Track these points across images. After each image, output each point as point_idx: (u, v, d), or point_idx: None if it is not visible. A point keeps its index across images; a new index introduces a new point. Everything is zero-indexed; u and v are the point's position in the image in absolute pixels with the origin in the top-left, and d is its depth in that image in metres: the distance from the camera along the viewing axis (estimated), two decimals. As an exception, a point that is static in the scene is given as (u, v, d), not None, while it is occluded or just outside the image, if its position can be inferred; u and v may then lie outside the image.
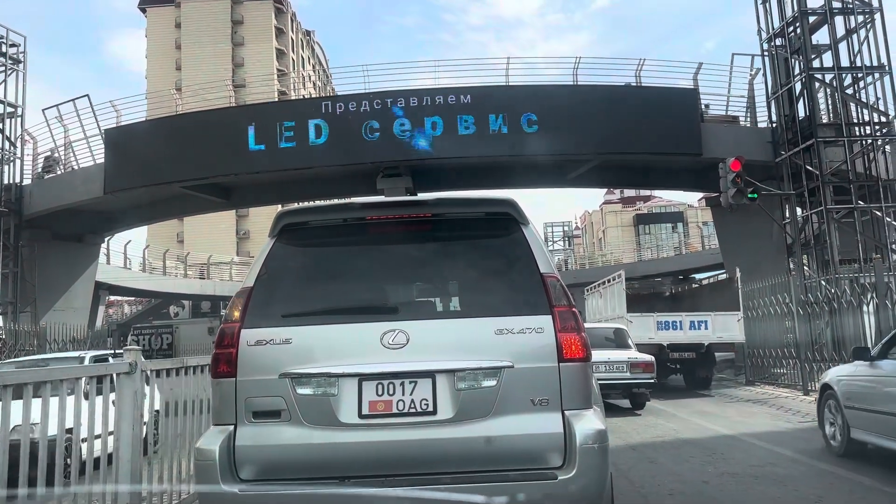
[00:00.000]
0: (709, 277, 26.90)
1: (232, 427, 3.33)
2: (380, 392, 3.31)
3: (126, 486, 4.27)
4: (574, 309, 3.47)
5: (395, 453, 3.25)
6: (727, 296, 18.14)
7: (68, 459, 3.93)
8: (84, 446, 4.15)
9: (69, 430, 3.88)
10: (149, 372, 4.58)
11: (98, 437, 4.32)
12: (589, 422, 3.29)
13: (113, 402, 4.27)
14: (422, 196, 3.81)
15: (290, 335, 3.38)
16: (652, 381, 12.44)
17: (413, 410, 3.28)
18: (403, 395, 3.30)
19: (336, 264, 3.76)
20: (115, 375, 4.28)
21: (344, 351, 3.37)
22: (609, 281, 20.54)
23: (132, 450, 4.27)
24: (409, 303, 3.88)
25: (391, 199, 3.89)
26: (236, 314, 3.45)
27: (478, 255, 3.72)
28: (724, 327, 16.99)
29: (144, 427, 4.60)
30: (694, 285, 26.96)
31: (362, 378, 3.32)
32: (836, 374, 8.03)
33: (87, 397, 4.12)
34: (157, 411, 5.08)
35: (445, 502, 3.14)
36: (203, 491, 3.35)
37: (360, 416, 3.28)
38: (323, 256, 3.78)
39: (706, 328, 16.87)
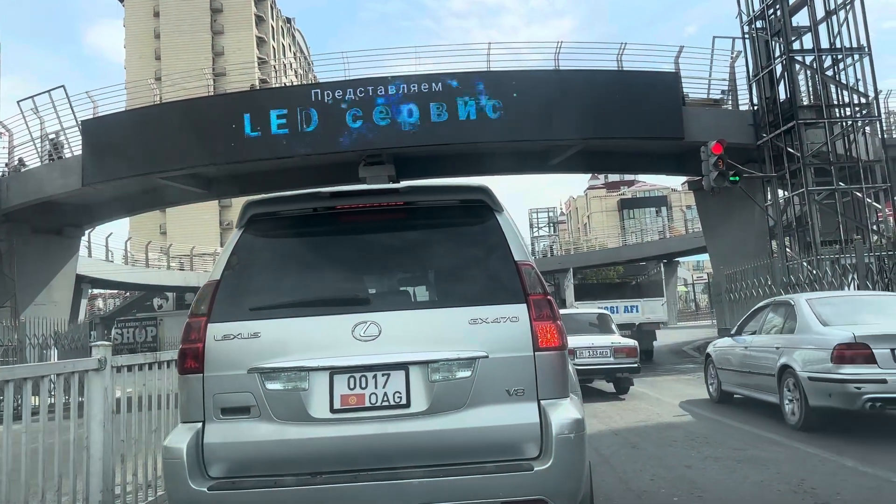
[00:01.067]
0: (644, 275, 30.07)
1: (200, 424, 3.26)
2: (352, 385, 3.24)
3: (98, 482, 4.18)
4: (549, 297, 3.40)
5: (368, 447, 3.18)
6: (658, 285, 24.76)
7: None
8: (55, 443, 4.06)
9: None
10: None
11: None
12: (565, 411, 3.24)
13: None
14: (393, 184, 3.73)
15: (258, 329, 3.30)
16: (635, 365, 12.46)
17: (386, 403, 3.22)
18: (376, 388, 3.24)
19: (305, 255, 3.66)
20: (84, 372, 4.17)
21: (314, 344, 3.29)
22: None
23: (104, 447, 4.17)
24: (381, 293, 3.79)
25: (361, 188, 3.75)
26: (203, 308, 3.36)
27: (451, 244, 3.66)
28: (652, 310, 23.06)
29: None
30: (640, 276, 30.32)
31: (333, 371, 3.25)
32: (713, 346, 11.23)
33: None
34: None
35: (419, 496, 3.09)
36: (171, 489, 3.26)
37: (332, 410, 3.21)
38: (292, 247, 3.70)
39: (637, 311, 22.62)
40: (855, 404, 7.20)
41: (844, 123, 19.44)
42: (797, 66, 19.87)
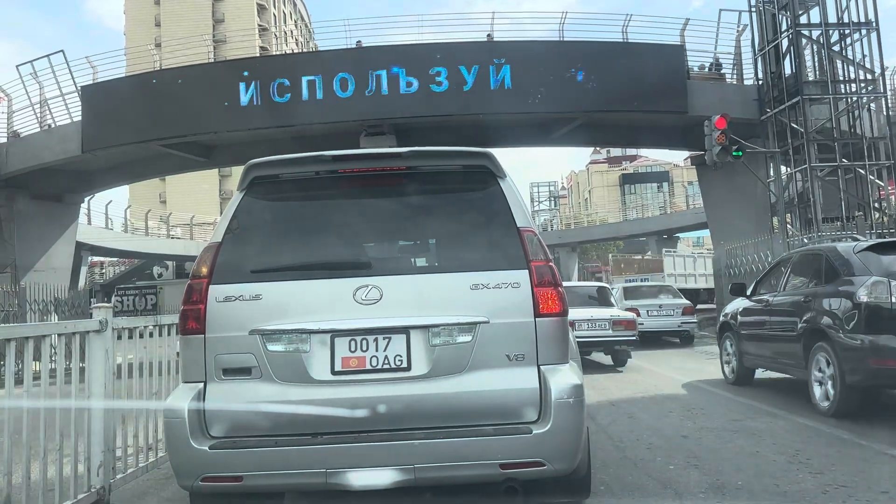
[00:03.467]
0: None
1: (202, 384, 3.30)
2: (353, 348, 3.28)
3: (99, 442, 4.21)
4: (551, 263, 3.44)
5: (368, 409, 3.21)
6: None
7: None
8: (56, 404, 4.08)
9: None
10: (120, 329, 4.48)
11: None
12: (564, 376, 3.28)
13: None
14: (396, 148, 3.73)
15: (259, 291, 3.33)
16: (634, 338, 12.56)
17: (387, 367, 3.26)
18: (377, 351, 3.28)
19: (307, 218, 3.66)
20: (85, 333, 4.18)
21: (316, 307, 3.32)
22: None
23: (104, 409, 4.20)
24: (383, 257, 3.79)
25: (364, 151, 3.75)
26: (204, 270, 3.38)
27: (453, 209, 3.69)
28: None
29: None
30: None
31: (335, 334, 3.28)
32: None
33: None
34: None
35: (419, 457, 3.15)
36: (173, 448, 3.31)
37: (333, 372, 3.26)
38: (294, 210, 3.72)
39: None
40: None
41: (849, 99, 19.30)
42: (803, 41, 19.67)
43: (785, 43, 19.97)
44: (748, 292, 9.38)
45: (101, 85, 21.70)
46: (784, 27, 19.98)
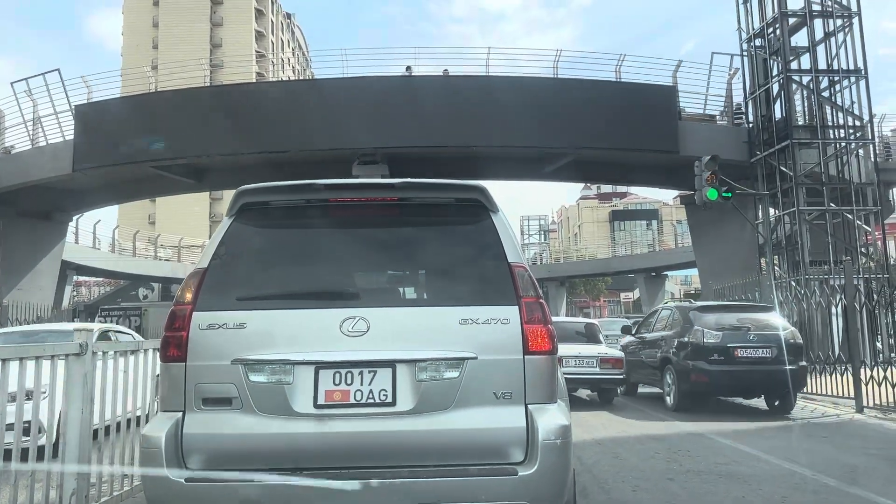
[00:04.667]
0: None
1: (180, 414, 3.19)
2: (337, 381, 3.19)
3: (73, 467, 4.10)
4: (542, 300, 3.37)
5: (351, 445, 3.13)
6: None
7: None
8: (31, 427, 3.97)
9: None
10: (100, 353, 4.38)
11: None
12: (552, 417, 3.20)
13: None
14: (388, 179, 3.65)
15: (244, 319, 3.23)
16: (621, 377, 12.35)
17: (371, 401, 3.17)
18: (362, 384, 3.18)
19: (296, 247, 3.59)
20: (64, 356, 4.09)
21: (301, 337, 3.23)
22: None
23: (80, 435, 4.09)
24: (371, 289, 3.73)
25: (357, 181, 3.69)
26: (188, 296, 3.29)
27: (445, 242, 3.62)
28: None
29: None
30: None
31: (319, 366, 3.19)
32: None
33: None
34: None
35: (402, 497, 3.06)
36: (148, 479, 3.18)
37: (316, 405, 3.15)
38: (282, 238, 3.63)
39: None
40: None
41: (838, 145, 19.56)
42: (794, 86, 19.99)
43: (776, 87, 20.29)
44: (633, 332, 13.18)
45: (95, 104, 21.72)
46: (775, 72, 20.32)
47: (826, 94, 19.90)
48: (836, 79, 19.66)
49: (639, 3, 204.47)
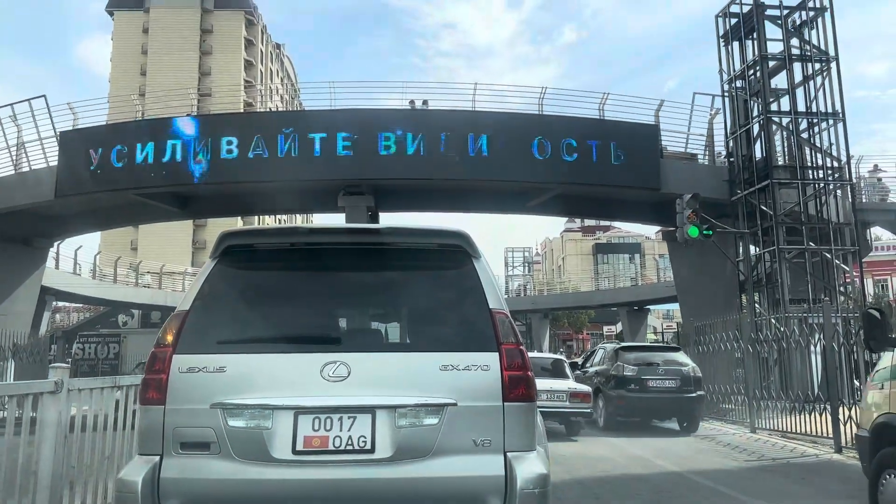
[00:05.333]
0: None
1: (158, 458, 3.13)
2: (316, 427, 3.14)
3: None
4: (522, 347, 3.37)
5: (329, 493, 3.10)
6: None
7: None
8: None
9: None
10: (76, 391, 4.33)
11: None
12: (531, 465, 3.18)
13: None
14: (372, 224, 3.75)
15: (224, 363, 3.19)
16: (589, 410, 13.30)
17: (350, 448, 3.12)
18: (341, 430, 3.14)
19: (278, 290, 3.55)
20: (39, 395, 4.03)
21: (281, 382, 3.19)
22: None
23: (52, 473, 4.03)
24: (353, 334, 3.75)
25: (340, 226, 3.78)
26: (169, 338, 3.26)
27: (426, 287, 3.61)
28: None
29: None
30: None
31: (298, 412, 3.15)
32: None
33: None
34: None
35: None
36: None
37: (294, 451, 3.10)
38: (265, 281, 3.61)
39: None
40: None
41: (817, 185, 19.87)
42: (774, 127, 20.36)
43: (756, 128, 20.65)
44: (580, 365, 16.79)
45: (80, 131, 21.63)
46: (755, 113, 20.69)
47: (805, 135, 20.28)
48: (815, 121, 20.06)
49: (623, 42, 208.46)
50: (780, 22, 20.56)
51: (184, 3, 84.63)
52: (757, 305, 20.02)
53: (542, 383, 12.27)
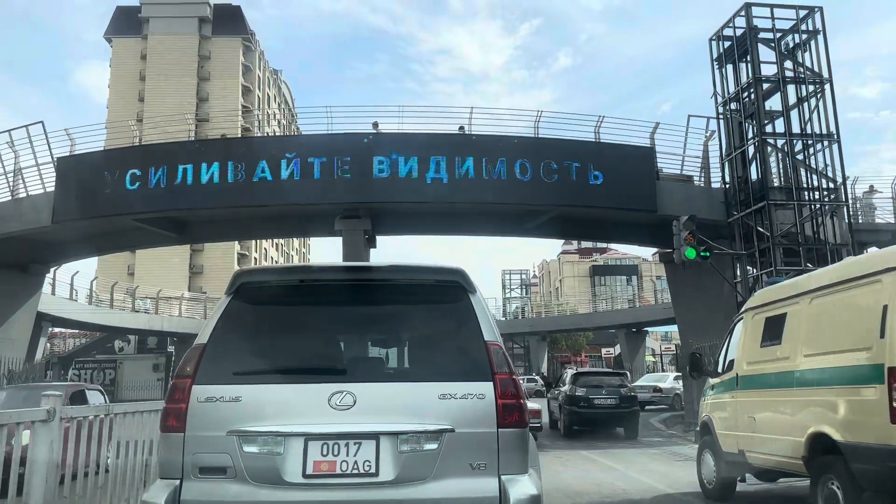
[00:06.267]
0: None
1: (178, 481, 3.36)
2: (324, 452, 3.37)
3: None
4: (515, 377, 3.58)
5: None
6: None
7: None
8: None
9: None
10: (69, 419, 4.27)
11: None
12: (524, 487, 3.39)
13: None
14: (375, 262, 4.03)
15: (239, 393, 3.43)
16: (539, 426, 15.53)
17: (356, 472, 3.35)
18: (347, 456, 3.37)
19: (289, 324, 3.84)
20: (30, 423, 3.98)
21: (292, 410, 3.43)
22: None
23: (43, 502, 3.95)
24: (358, 364, 3.99)
25: (346, 264, 4.31)
26: (188, 370, 3.50)
27: (426, 321, 3.89)
28: None
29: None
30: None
31: (308, 438, 3.37)
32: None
33: None
34: None
35: None
36: None
37: (304, 475, 3.33)
38: (277, 316, 3.87)
39: None
40: None
41: (813, 206, 19.92)
42: (769, 149, 20.44)
43: (751, 150, 20.75)
44: (553, 385, 20.19)
45: (77, 157, 21.67)
46: (750, 135, 20.80)
47: (800, 156, 20.37)
48: (810, 142, 20.16)
49: (617, 67, 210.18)
50: (773, 45, 20.74)
51: (182, 29, 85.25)
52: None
53: None
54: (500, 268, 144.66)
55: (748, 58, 20.99)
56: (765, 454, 7.16)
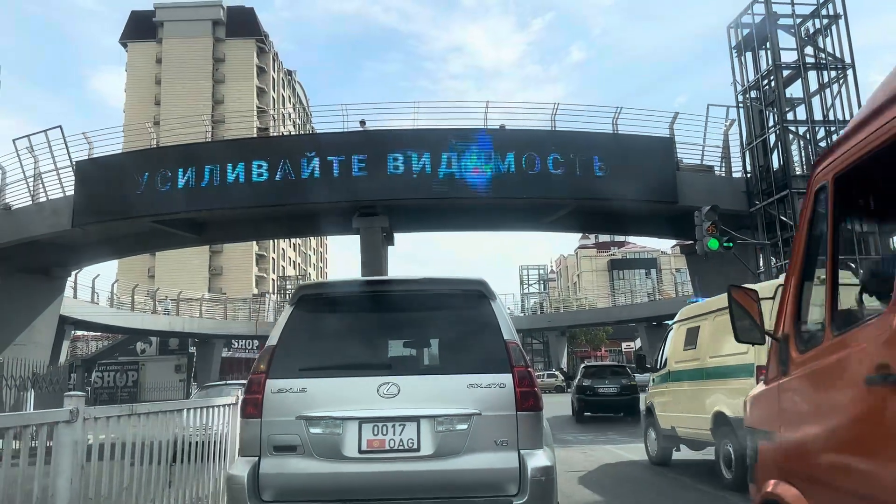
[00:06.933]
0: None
1: (256, 458, 4.10)
2: (375, 432, 4.08)
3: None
4: (530, 369, 4.26)
5: (386, 482, 4.02)
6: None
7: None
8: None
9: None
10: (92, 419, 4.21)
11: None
12: (539, 459, 4.07)
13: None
14: (411, 276, 4.73)
15: (305, 385, 4.17)
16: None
17: (402, 448, 4.05)
18: (394, 435, 4.07)
19: (343, 328, 4.62)
20: (53, 424, 3.91)
21: (348, 399, 4.14)
22: None
23: (69, 505, 3.89)
24: (400, 360, 4.70)
25: (389, 278, 5.02)
26: (262, 367, 4.22)
27: (455, 324, 4.60)
28: None
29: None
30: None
31: (362, 421, 4.08)
32: None
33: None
34: None
35: None
36: None
37: (360, 451, 4.05)
38: (332, 321, 4.63)
39: None
40: None
41: (837, 194, 19.55)
42: (791, 136, 20.11)
43: (772, 138, 20.43)
44: (571, 377, 25.54)
45: (95, 160, 21.80)
46: (771, 123, 20.48)
47: (823, 143, 20.02)
48: (833, 129, 19.81)
49: (630, 60, 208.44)
50: (793, 31, 20.41)
51: (196, 32, 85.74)
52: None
53: None
54: (516, 263, 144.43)
55: (768, 45, 20.68)
56: (688, 429, 9.59)
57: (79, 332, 48.68)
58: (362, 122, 21.39)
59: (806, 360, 2.76)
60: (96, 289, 40.32)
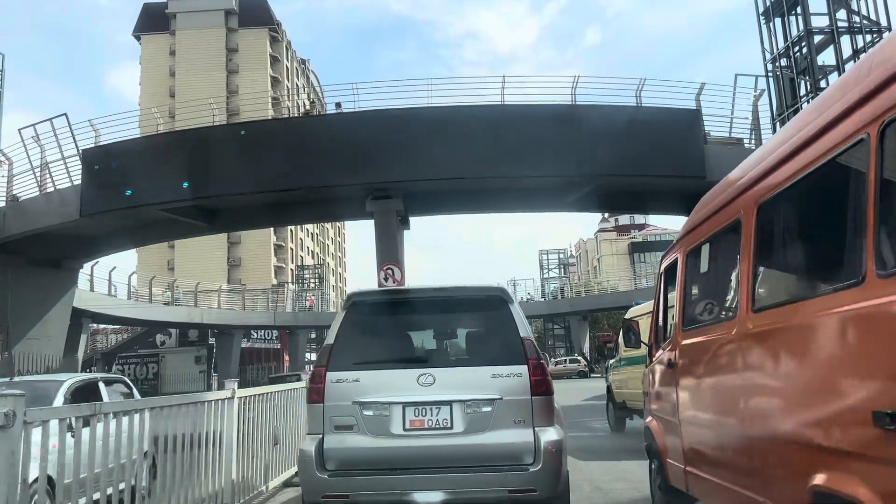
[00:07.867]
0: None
1: (321, 436, 4.89)
2: (417, 414, 4.86)
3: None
4: (542, 361, 5.01)
5: (426, 454, 4.78)
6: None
7: None
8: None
9: None
10: (37, 423, 3.51)
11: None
12: (550, 434, 4.84)
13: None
14: (443, 285, 5.51)
15: (358, 376, 4.95)
16: None
17: (438, 426, 4.83)
18: (432, 416, 4.85)
19: (388, 328, 5.43)
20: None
21: (393, 387, 4.93)
22: None
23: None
24: (435, 354, 5.61)
25: (423, 286, 5.80)
26: (323, 361, 5.03)
27: (479, 323, 5.56)
28: None
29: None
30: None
31: (405, 405, 4.87)
32: None
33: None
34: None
35: (458, 485, 4.71)
36: (304, 477, 4.94)
37: (405, 429, 4.84)
38: (380, 322, 5.44)
39: None
40: None
41: (875, 164, 18.55)
42: (825, 105, 19.05)
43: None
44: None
45: (102, 148, 21.20)
46: (803, 91, 19.45)
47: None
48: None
49: (647, 41, 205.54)
50: (826, -8, 19.33)
51: (209, 23, 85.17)
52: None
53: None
54: (536, 248, 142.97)
55: (798, 9, 19.60)
56: (633, 402, 11.79)
57: (98, 326, 48.61)
58: (338, 105, 20.70)
59: (656, 356, 5.45)
60: (113, 281, 39.99)
